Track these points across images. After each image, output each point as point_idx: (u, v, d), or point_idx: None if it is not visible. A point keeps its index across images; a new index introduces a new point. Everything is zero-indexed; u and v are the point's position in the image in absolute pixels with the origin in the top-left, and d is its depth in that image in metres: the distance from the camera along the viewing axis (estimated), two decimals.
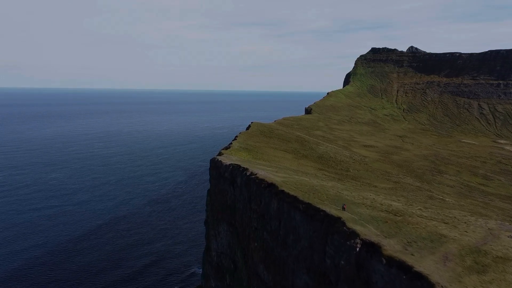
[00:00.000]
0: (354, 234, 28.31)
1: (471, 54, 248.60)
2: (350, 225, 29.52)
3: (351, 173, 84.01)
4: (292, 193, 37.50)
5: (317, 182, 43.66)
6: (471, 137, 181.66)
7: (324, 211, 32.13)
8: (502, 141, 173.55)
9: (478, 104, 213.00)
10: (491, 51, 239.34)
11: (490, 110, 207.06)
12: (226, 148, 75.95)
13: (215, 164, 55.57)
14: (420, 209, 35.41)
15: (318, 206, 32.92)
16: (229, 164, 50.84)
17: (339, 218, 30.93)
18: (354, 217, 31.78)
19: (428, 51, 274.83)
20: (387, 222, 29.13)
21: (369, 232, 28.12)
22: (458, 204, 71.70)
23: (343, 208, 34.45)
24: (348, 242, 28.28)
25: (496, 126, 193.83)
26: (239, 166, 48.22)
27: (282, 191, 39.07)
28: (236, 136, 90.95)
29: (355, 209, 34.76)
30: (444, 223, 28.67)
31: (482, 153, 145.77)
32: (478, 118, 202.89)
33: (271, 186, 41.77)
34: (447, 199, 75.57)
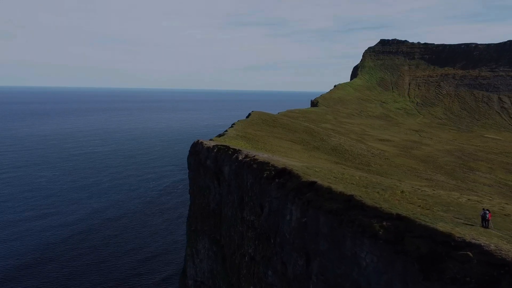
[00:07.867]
0: None
1: (488, 45, 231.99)
2: None
3: (373, 168, 68.47)
4: (338, 188, 16.93)
5: (357, 172, 27.30)
6: (494, 132, 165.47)
7: (480, 245, 11.85)
8: None
9: (499, 97, 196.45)
10: (510, 41, 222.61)
11: None
12: (220, 135, 60.21)
13: (194, 149, 38.04)
14: None
15: (444, 230, 12.88)
16: (213, 146, 32.75)
17: None
18: None
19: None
20: None
21: None
22: None
23: (485, 222, 17.26)
24: None
25: None
26: (227, 148, 30.49)
27: (313, 183, 18.14)
28: (233, 124, 75.19)
29: (505, 225, 17.66)
30: None
31: None
32: (499, 112, 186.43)
33: (284, 174, 20.57)
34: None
